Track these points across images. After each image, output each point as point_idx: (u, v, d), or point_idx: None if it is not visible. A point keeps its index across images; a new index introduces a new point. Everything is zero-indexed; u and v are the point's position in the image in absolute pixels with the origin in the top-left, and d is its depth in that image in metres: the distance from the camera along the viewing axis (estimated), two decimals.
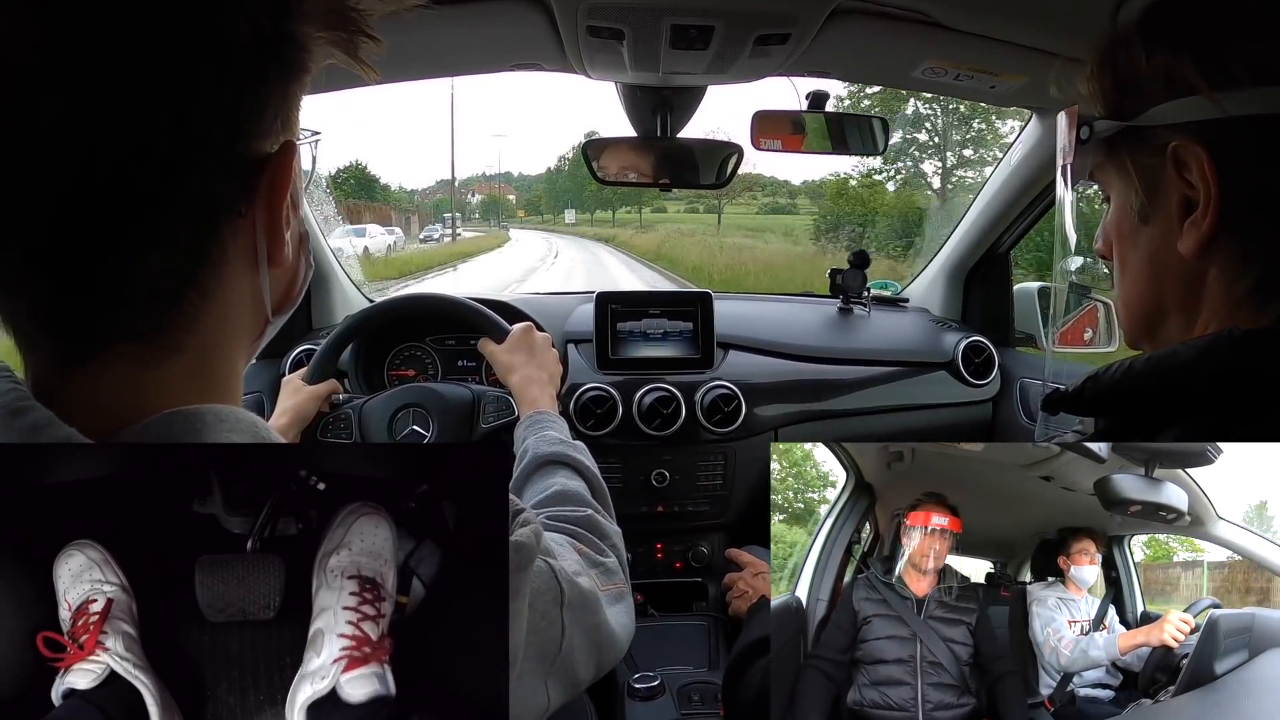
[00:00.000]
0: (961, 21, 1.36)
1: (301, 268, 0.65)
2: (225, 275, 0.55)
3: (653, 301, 2.01)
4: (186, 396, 0.55)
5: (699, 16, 1.30)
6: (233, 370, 0.61)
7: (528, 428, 1.22)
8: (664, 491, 1.95)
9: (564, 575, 0.78)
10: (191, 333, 0.55)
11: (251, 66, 0.53)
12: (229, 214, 0.54)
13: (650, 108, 1.75)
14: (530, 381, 1.35)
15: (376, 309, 1.72)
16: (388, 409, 1.57)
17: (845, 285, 2.24)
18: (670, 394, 1.90)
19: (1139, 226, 0.65)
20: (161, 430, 0.53)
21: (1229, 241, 0.60)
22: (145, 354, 0.53)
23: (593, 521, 0.98)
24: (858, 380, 2.09)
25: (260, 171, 0.55)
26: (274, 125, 0.56)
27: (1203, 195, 0.59)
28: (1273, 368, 0.57)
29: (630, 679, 1.58)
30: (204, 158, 0.51)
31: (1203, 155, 0.58)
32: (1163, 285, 0.65)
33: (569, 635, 0.76)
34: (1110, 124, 0.63)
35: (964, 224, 2.25)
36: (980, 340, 2.14)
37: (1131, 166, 0.64)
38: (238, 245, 0.56)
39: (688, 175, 1.83)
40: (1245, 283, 0.60)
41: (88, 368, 0.52)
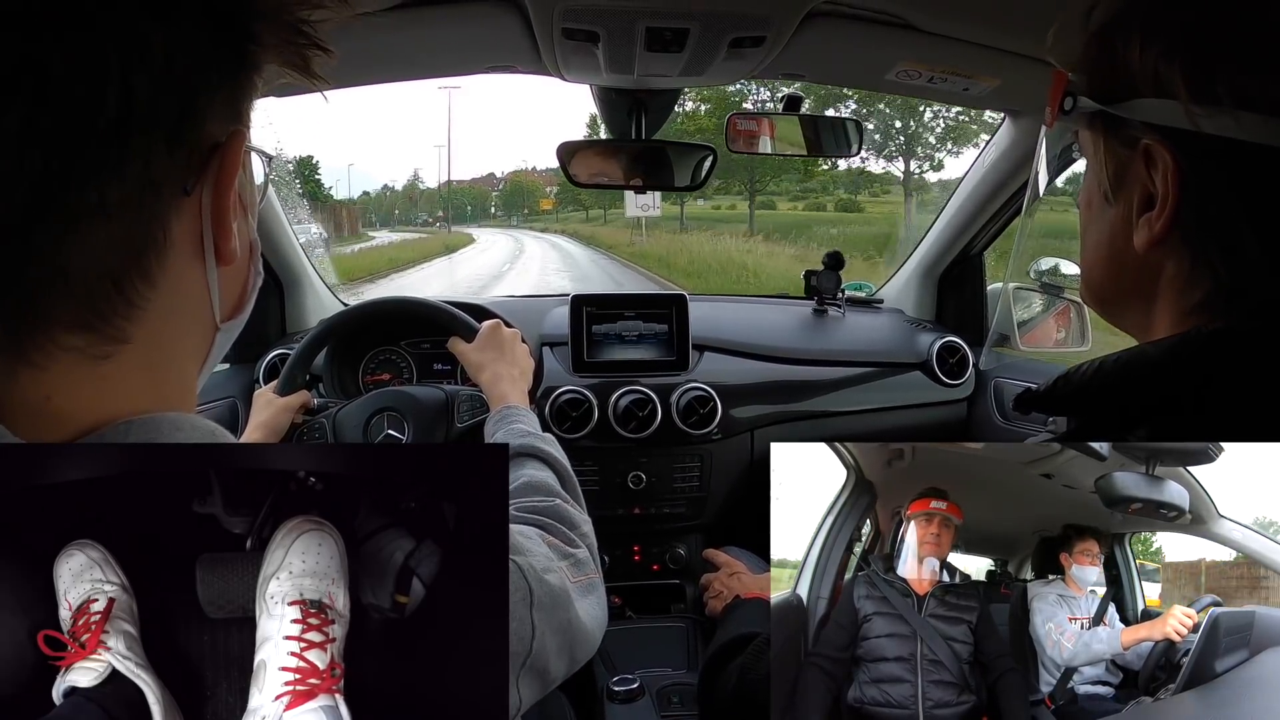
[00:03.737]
0: (935, 24, 1.38)
1: (250, 275, 0.63)
2: (170, 264, 0.53)
3: (628, 304, 2.01)
4: (138, 399, 0.53)
5: (674, 19, 1.30)
6: (184, 375, 0.59)
7: (496, 422, 1.22)
8: (641, 494, 1.95)
9: (533, 574, 0.78)
10: (137, 323, 0.52)
11: (205, 43, 0.52)
12: (174, 191, 0.53)
13: (625, 109, 1.75)
14: (500, 378, 1.35)
15: (344, 315, 1.70)
16: (362, 415, 1.55)
17: (820, 286, 2.25)
18: (646, 396, 1.90)
19: (1104, 205, 0.66)
20: (116, 440, 0.51)
21: (1180, 247, 0.60)
22: (90, 345, 0.51)
23: (562, 511, 0.98)
24: (833, 381, 2.10)
25: (209, 158, 0.54)
26: (224, 112, 0.55)
27: (1160, 197, 0.59)
28: (1239, 368, 0.57)
29: (609, 681, 1.57)
30: (150, 127, 0.50)
31: (1170, 162, 0.58)
32: (1120, 266, 0.66)
33: (539, 635, 0.76)
34: (1092, 105, 0.63)
35: (938, 225, 2.26)
36: (955, 340, 2.16)
37: (1105, 148, 0.65)
38: (183, 230, 0.54)
39: (662, 177, 1.82)
40: (1195, 294, 0.61)
41: (34, 362, 0.50)
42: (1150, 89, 0.59)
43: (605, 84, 1.70)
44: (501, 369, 1.37)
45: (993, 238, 2.20)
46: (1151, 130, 0.59)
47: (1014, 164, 1.92)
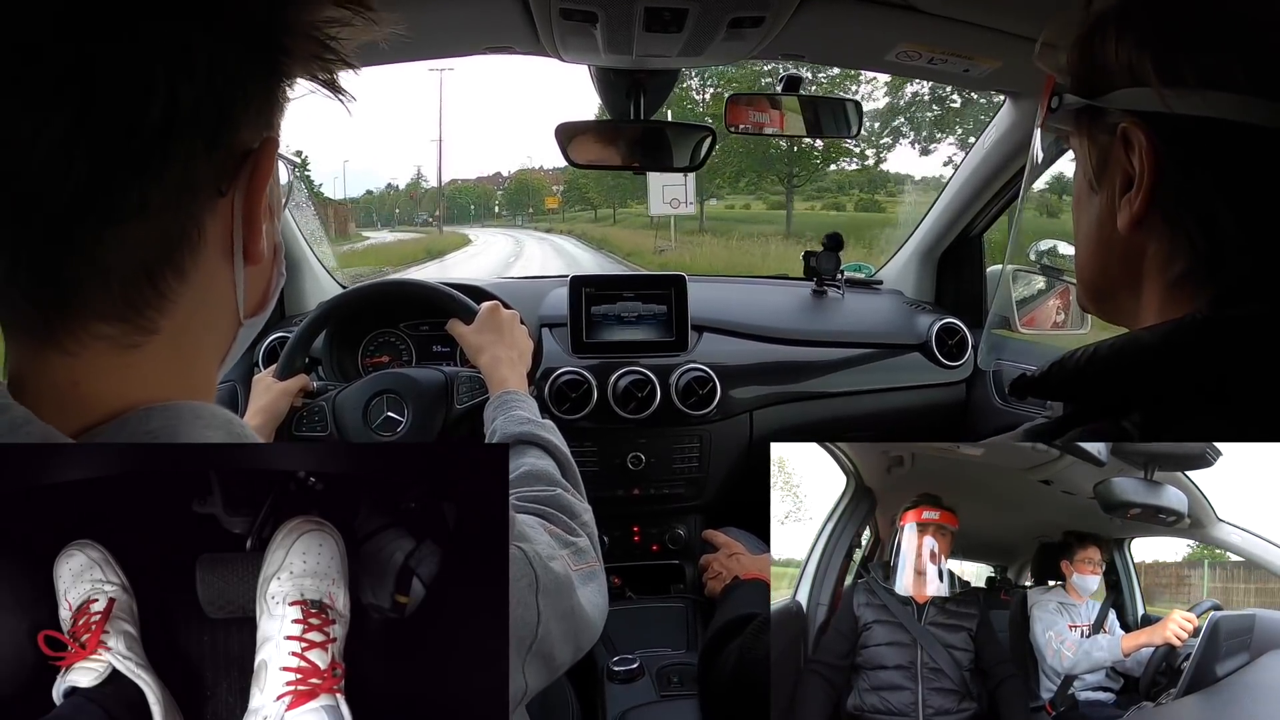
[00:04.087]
0: (936, 5, 1.37)
1: (274, 275, 0.66)
2: (201, 261, 0.56)
3: (626, 284, 2.00)
4: (162, 388, 0.56)
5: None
6: (207, 367, 0.61)
7: (496, 408, 1.22)
8: (640, 474, 1.96)
9: (538, 560, 0.79)
10: (167, 316, 0.55)
11: (241, 53, 0.54)
12: (210, 193, 0.55)
13: (624, 91, 1.74)
14: (499, 361, 1.34)
15: (343, 297, 1.70)
16: (361, 397, 1.55)
17: (819, 267, 2.24)
18: (645, 377, 1.90)
19: (1090, 195, 0.69)
20: (139, 425, 0.53)
21: (1160, 224, 0.63)
22: (121, 335, 0.54)
23: (563, 500, 0.99)
24: (832, 362, 2.10)
25: (243, 162, 0.56)
26: (258, 119, 0.57)
27: (1138, 176, 0.62)
28: (1233, 354, 0.59)
29: (609, 662, 1.58)
30: (192, 133, 0.52)
31: (1145, 141, 0.61)
32: (1107, 254, 0.68)
33: (544, 620, 0.77)
34: (1076, 100, 0.67)
35: (937, 206, 2.26)
36: (954, 322, 2.16)
37: (1088, 139, 0.67)
38: (215, 230, 0.57)
39: (661, 158, 1.82)
40: (1176, 268, 0.63)
41: (65, 349, 0.53)
42: (1126, 80, 0.62)
43: (604, 65, 1.69)
44: (500, 351, 1.36)
45: (992, 219, 2.20)
46: (1128, 115, 0.62)
47: (1014, 146, 1.91)
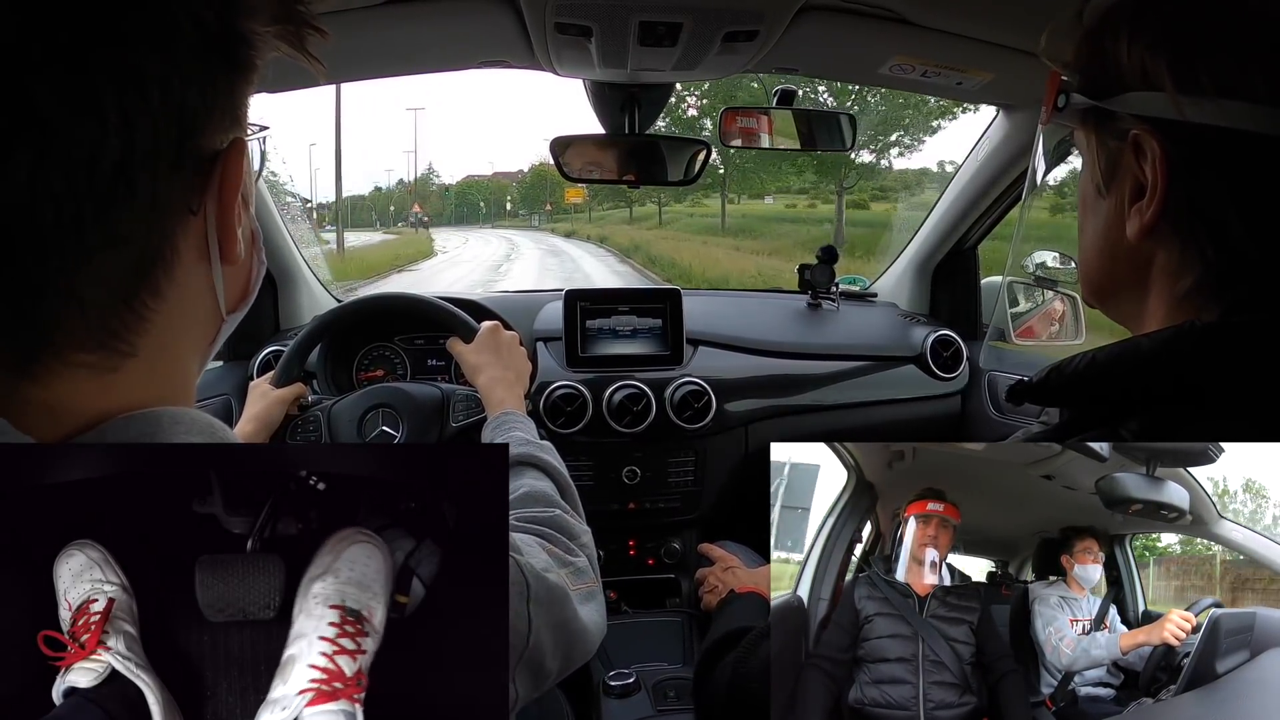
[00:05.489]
0: (928, 18, 1.38)
1: (254, 265, 0.64)
2: (177, 274, 0.54)
3: (621, 298, 2.01)
4: (141, 400, 0.54)
5: (667, 13, 1.30)
6: (187, 372, 0.60)
7: (494, 429, 1.22)
8: (635, 488, 1.95)
9: (530, 570, 0.79)
10: (144, 335, 0.53)
11: (198, 63, 0.51)
12: (180, 213, 0.53)
13: (619, 104, 1.75)
14: (496, 382, 1.34)
15: (344, 309, 1.69)
16: (356, 410, 1.54)
17: (814, 280, 2.25)
18: (640, 391, 1.90)
19: (1098, 198, 0.67)
20: (118, 435, 0.52)
21: (1171, 235, 0.62)
22: (99, 361, 0.52)
23: (561, 522, 0.98)
24: (827, 375, 2.10)
25: (211, 169, 0.55)
26: (223, 122, 0.55)
27: (1150, 185, 0.61)
28: (1232, 361, 0.58)
29: (605, 676, 1.57)
30: (153, 157, 0.50)
31: (1158, 150, 0.60)
32: (1114, 258, 0.67)
33: (536, 629, 0.77)
34: (1085, 100, 0.65)
35: (931, 219, 2.27)
36: (948, 334, 2.17)
37: (1097, 142, 0.66)
38: (189, 243, 0.55)
39: (655, 171, 1.82)
40: (1186, 280, 0.62)
41: (41, 375, 0.51)
42: (1138, 83, 0.61)
43: (598, 78, 1.69)
44: (498, 373, 1.35)
45: (986, 232, 2.21)
46: (1140, 122, 0.61)
47: (1007, 158, 1.91)
